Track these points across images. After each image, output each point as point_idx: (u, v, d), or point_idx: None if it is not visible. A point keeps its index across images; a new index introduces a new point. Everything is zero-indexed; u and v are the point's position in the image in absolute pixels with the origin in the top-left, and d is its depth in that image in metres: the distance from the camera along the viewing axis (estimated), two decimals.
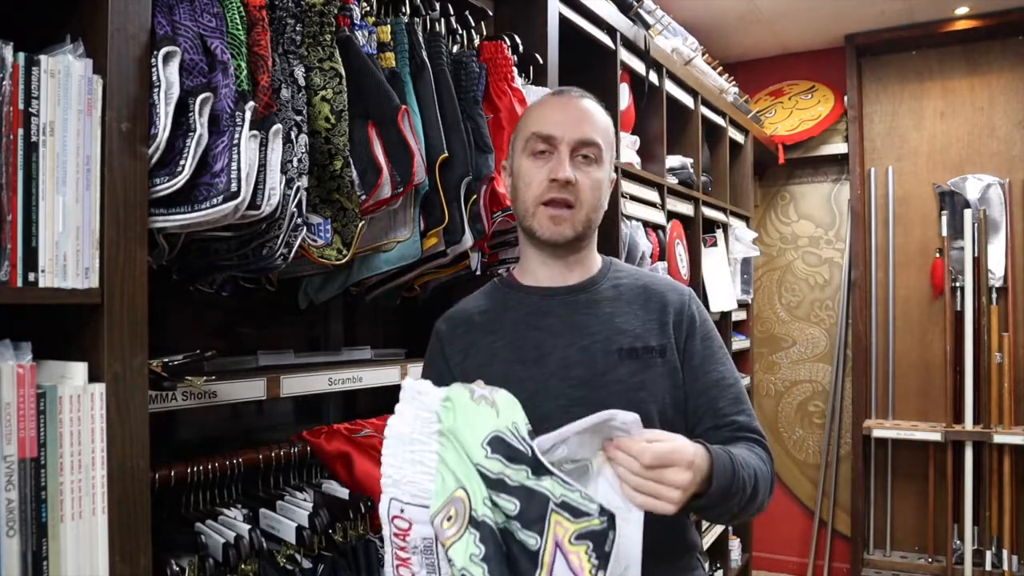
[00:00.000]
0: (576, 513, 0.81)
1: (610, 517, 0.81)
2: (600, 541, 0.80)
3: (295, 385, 1.37)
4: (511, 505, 0.82)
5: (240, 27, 1.09)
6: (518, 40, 1.81)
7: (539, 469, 0.83)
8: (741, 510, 1.04)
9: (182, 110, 1.02)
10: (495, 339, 1.19)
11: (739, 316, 3.59)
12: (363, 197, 1.30)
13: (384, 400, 1.90)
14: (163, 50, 1.00)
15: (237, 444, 1.39)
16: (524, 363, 1.15)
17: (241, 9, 1.10)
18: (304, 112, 1.21)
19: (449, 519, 0.83)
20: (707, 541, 3.02)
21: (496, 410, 0.87)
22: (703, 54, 3.18)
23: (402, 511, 0.87)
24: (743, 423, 1.13)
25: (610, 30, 2.35)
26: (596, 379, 1.12)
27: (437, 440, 0.87)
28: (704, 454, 0.95)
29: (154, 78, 1.00)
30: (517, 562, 0.81)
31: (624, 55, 2.43)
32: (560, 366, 1.13)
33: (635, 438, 0.89)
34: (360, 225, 1.30)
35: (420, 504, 0.86)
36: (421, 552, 0.87)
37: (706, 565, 1.20)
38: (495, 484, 0.83)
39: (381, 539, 1.38)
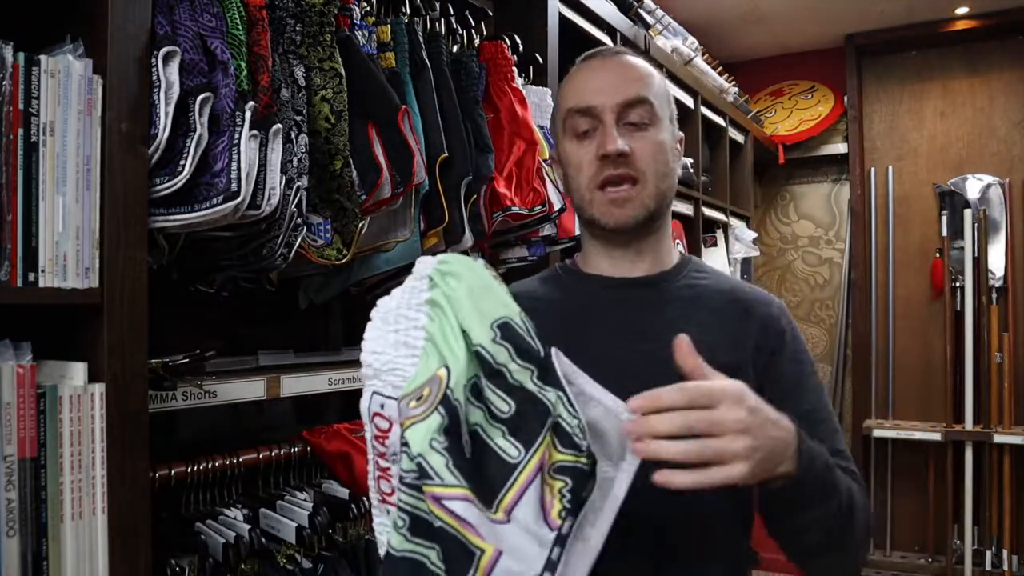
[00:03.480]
0: (566, 442, 0.66)
1: (595, 463, 0.66)
2: (580, 484, 0.65)
3: (295, 385, 1.37)
4: (504, 405, 0.68)
5: (240, 27, 1.09)
6: (518, 40, 1.81)
7: (547, 376, 0.69)
8: (842, 533, 0.86)
9: (182, 110, 1.02)
10: (544, 331, 0.97)
11: None
12: (363, 197, 1.30)
13: None
14: (163, 50, 1.00)
15: (237, 444, 1.39)
16: (576, 362, 0.93)
17: (241, 9, 1.10)
18: (304, 112, 1.21)
19: (418, 399, 0.66)
20: None
21: (509, 295, 0.73)
22: (703, 54, 3.18)
23: (382, 407, 0.72)
24: (842, 466, 0.90)
25: (610, 30, 2.35)
26: (653, 388, 0.93)
27: (425, 311, 0.72)
28: (786, 418, 0.76)
29: (154, 78, 1.00)
30: (485, 468, 0.65)
31: None
32: (615, 370, 0.88)
33: (660, 389, 0.70)
34: (360, 225, 1.30)
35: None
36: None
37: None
38: (493, 375, 0.68)
39: None
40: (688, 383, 0.70)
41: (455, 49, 1.66)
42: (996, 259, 3.57)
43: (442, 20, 1.63)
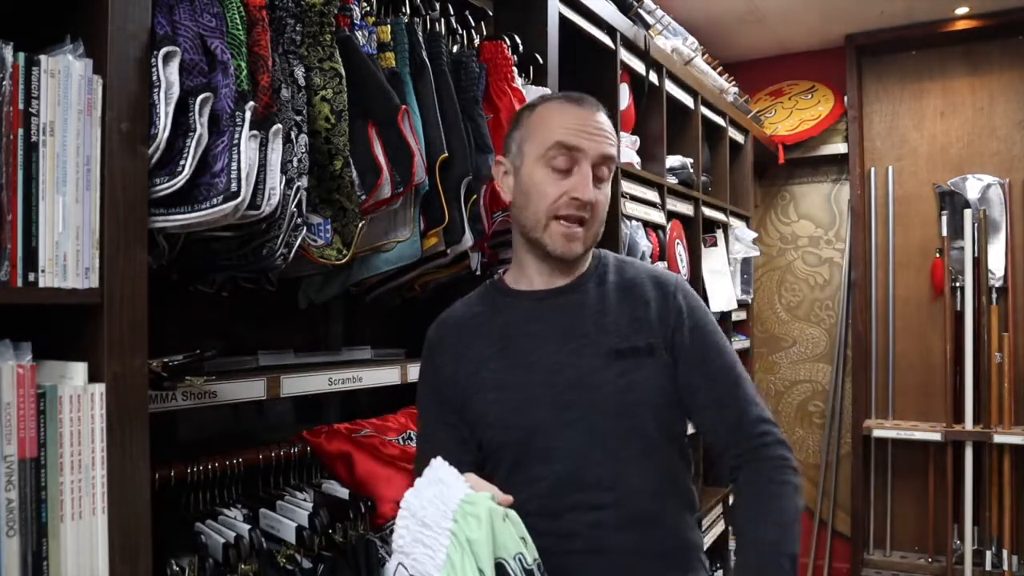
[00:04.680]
0: None
1: None
2: None
3: (295, 385, 1.37)
4: None
5: (240, 27, 1.09)
6: (518, 40, 1.81)
7: None
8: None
9: (182, 110, 1.02)
10: (485, 346, 1.18)
11: (739, 316, 3.59)
12: (363, 197, 1.30)
13: (384, 400, 1.90)
14: (163, 50, 1.00)
15: (237, 444, 1.39)
16: (514, 370, 1.14)
17: (241, 9, 1.10)
18: (304, 112, 1.21)
19: None
20: (707, 541, 3.02)
21: (516, 534, 0.94)
22: (703, 54, 3.18)
23: None
24: (766, 451, 1.11)
25: (610, 30, 2.35)
26: (585, 381, 1.11)
27: (449, 537, 0.91)
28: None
29: (154, 78, 1.00)
30: None
31: (624, 55, 2.43)
32: (549, 372, 1.12)
33: None
34: (360, 225, 1.30)
35: None
36: None
37: (707, 564, 1.19)
38: None
39: (381, 539, 1.38)
40: None
41: (455, 49, 1.66)
42: (996, 259, 3.57)
43: (442, 20, 1.63)
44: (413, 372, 1.65)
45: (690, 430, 1.21)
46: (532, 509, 1.05)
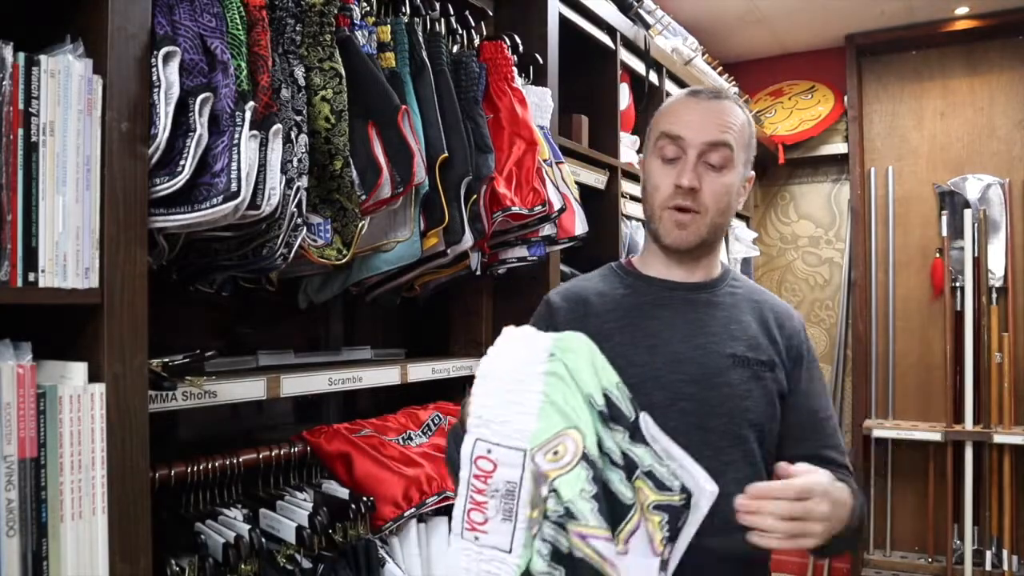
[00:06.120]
0: (659, 485, 0.87)
1: (688, 497, 0.87)
2: (675, 516, 0.86)
3: (295, 385, 1.37)
4: (617, 457, 0.86)
5: (240, 27, 1.09)
6: (518, 40, 1.81)
7: (636, 435, 0.87)
8: (848, 546, 1.07)
9: (182, 110, 1.02)
10: (609, 320, 1.16)
11: None
12: (363, 197, 1.30)
13: (384, 400, 1.90)
14: (163, 50, 1.00)
15: (237, 444, 1.39)
16: (636, 348, 1.12)
17: (241, 9, 1.10)
18: (304, 112, 1.21)
19: (555, 454, 0.83)
20: None
21: (610, 364, 0.91)
22: (703, 54, 3.18)
23: (488, 451, 0.86)
24: (834, 458, 1.15)
25: (610, 30, 2.35)
26: (707, 379, 1.11)
27: (544, 380, 0.86)
28: (842, 486, 0.98)
29: (154, 78, 1.00)
30: (611, 507, 0.84)
31: (624, 55, 2.43)
32: (672, 359, 1.11)
33: (772, 483, 0.92)
34: (360, 225, 1.30)
35: (510, 446, 0.85)
36: (501, 496, 0.85)
37: None
38: (619, 429, 0.87)
39: (381, 539, 1.38)
40: (792, 481, 0.92)
41: (455, 49, 1.66)
42: (996, 259, 3.57)
43: (442, 20, 1.63)
44: (413, 372, 1.66)
45: None
46: None
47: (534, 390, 0.86)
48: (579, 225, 1.90)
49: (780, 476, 0.95)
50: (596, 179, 2.27)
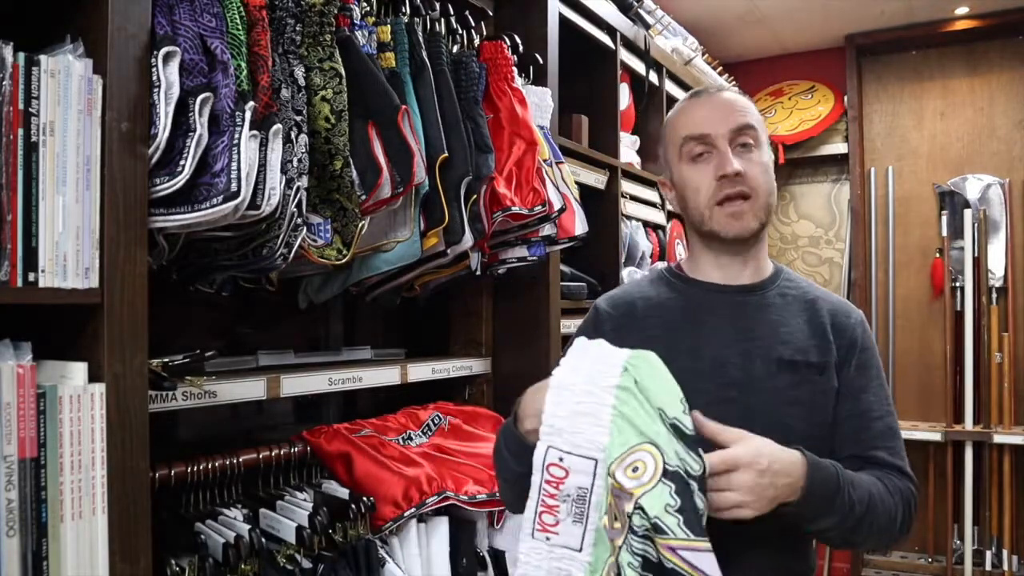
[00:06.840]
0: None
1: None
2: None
3: (295, 385, 1.37)
4: (697, 465, 0.87)
5: (240, 27, 1.09)
6: (518, 40, 1.81)
7: (692, 445, 0.89)
8: (854, 533, 1.03)
9: (182, 110, 1.02)
10: (653, 326, 1.16)
11: None
12: (363, 197, 1.30)
13: (384, 400, 1.90)
14: (163, 50, 1.00)
15: (237, 444, 1.39)
16: (679, 353, 1.09)
17: (241, 9, 1.10)
18: (304, 112, 1.21)
19: (635, 470, 0.85)
20: None
21: (673, 379, 0.93)
22: (703, 54, 3.18)
23: (560, 459, 0.88)
24: (882, 459, 1.10)
25: (610, 30, 2.35)
26: (750, 384, 1.09)
27: (615, 394, 0.88)
28: (799, 460, 0.96)
29: (154, 78, 1.00)
30: (698, 517, 0.86)
31: (624, 55, 2.43)
32: (715, 364, 1.10)
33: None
34: (360, 225, 1.30)
35: (582, 455, 0.87)
36: (572, 501, 0.88)
37: None
38: (690, 441, 0.88)
39: (381, 539, 1.38)
40: (721, 453, 0.92)
41: (455, 49, 1.66)
42: (996, 259, 3.57)
43: (442, 20, 1.63)
44: (413, 372, 1.66)
45: None
46: None
47: (606, 403, 0.88)
48: (579, 225, 1.90)
49: (719, 443, 0.94)
50: (596, 179, 2.27)
